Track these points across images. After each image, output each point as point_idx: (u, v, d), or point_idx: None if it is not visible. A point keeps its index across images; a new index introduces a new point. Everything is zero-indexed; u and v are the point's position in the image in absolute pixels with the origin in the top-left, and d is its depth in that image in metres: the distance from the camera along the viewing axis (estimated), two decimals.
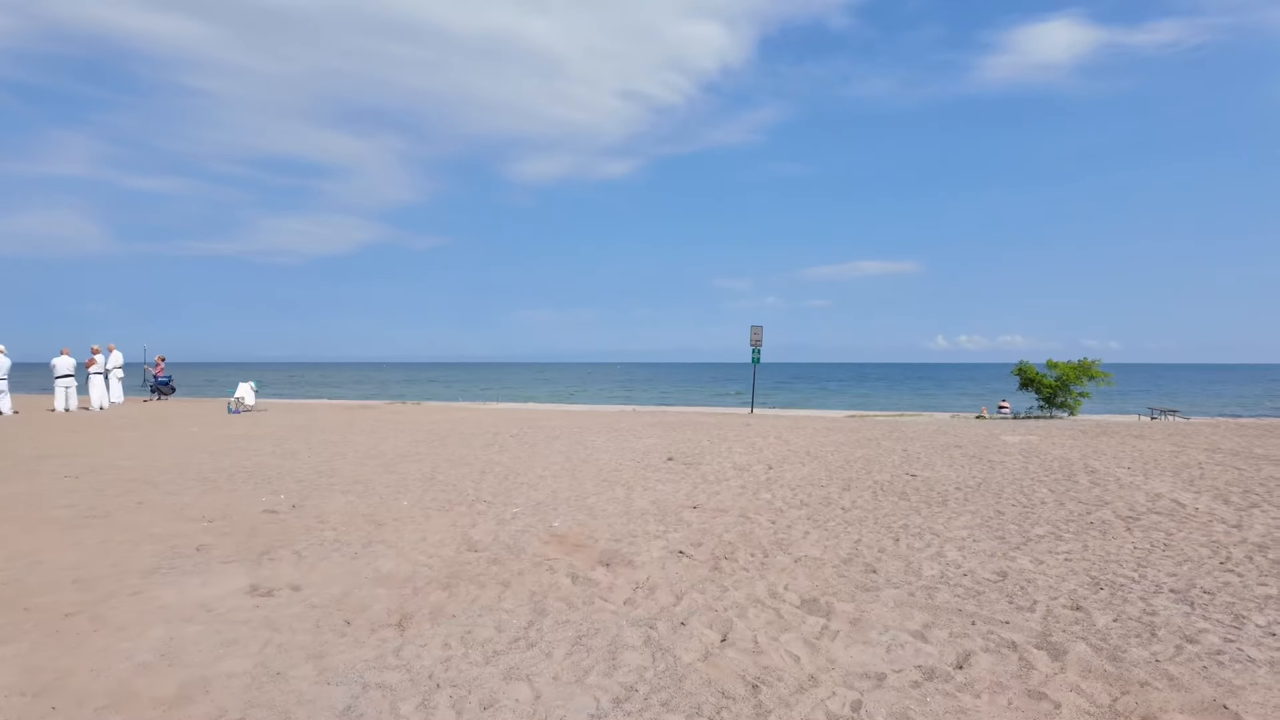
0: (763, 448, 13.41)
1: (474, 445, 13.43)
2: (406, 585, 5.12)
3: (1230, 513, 7.65)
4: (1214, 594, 4.98)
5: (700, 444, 13.89)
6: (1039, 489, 9.12)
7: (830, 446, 13.67)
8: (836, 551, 6.10)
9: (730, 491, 8.90)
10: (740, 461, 11.51)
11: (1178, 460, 11.78)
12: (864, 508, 7.98)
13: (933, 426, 18.82)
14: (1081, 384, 23.09)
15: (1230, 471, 10.48)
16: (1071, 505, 8.08)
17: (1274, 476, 9.99)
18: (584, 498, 8.44)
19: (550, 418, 20.88)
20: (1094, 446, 13.89)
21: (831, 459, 11.91)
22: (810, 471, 10.51)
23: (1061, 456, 12.31)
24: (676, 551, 5.99)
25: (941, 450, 13.12)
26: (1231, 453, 12.71)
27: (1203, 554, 6.05)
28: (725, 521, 7.21)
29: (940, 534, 6.78)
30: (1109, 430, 17.72)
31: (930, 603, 4.79)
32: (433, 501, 8.17)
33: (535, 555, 5.90)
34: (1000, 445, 14.01)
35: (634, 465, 11.05)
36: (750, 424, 18.75)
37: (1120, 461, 11.68)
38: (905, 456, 12.22)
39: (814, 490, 8.99)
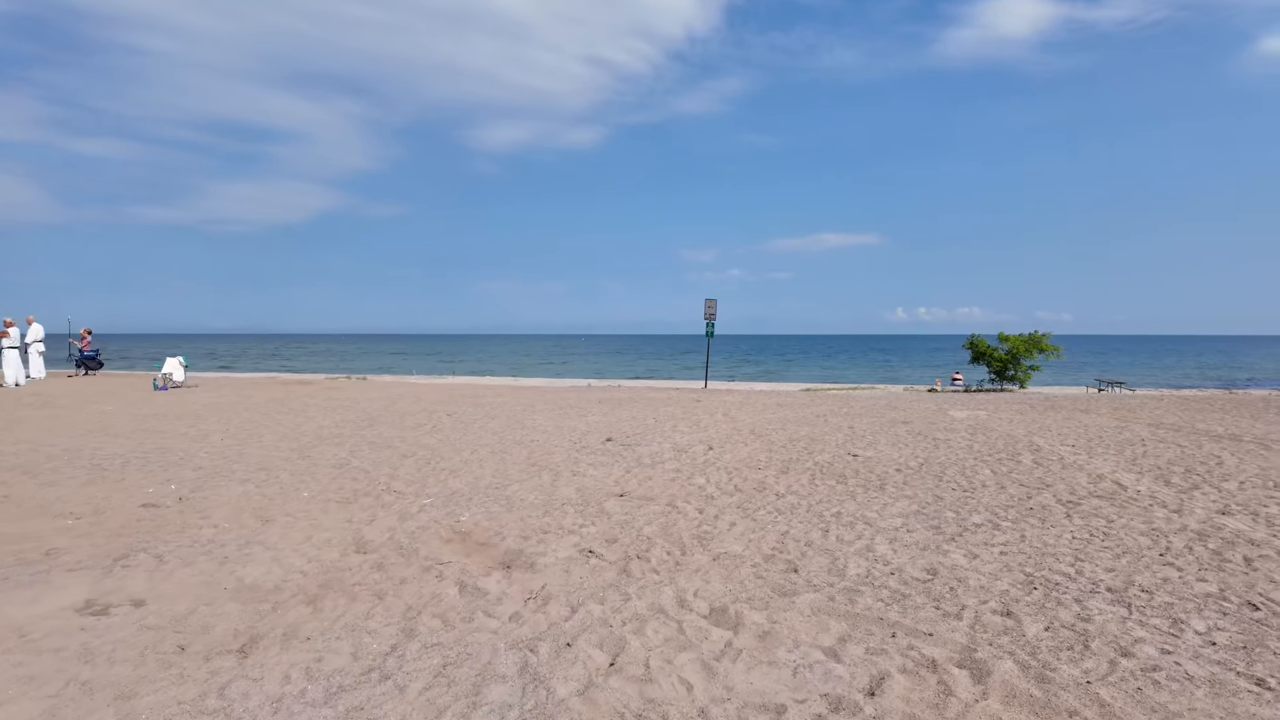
0: (708, 426, 12.96)
1: (405, 425, 12.73)
2: (268, 599, 4.50)
3: (1171, 495, 7.39)
4: (1152, 593, 4.62)
5: (645, 423, 13.39)
6: (981, 470, 8.81)
7: (777, 424, 13.28)
8: (760, 546, 5.63)
9: (664, 476, 8.40)
10: (681, 442, 11.03)
11: (1121, 437, 11.64)
12: (799, 493, 7.55)
13: (883, 401, 18.61)
14: (1032, 357, 23.14)
15: (1172, 449, 10.33)
16: (1013, 488, 7.76)
17: (1214, 454, 9.85)
18: (506, 485, 7.86)
19: (499, 394, 20.19)
20: (1040, 422, 13.74)
21: (775, 438, 11.50)
22: (751, 453, 10.07)
23: (1007, 433, 12.09)
24: (586, 551, 5.45)
25: (888, 427, 12.82)
26: (1174, 428, 12.65)
27: (1142, 544, 5.72)
28: (650, 512, 6.71)
29: (873, 523, 6.37)
30: (1057, 404, 17.71)
31: (850, 609, 4.34)
32: (338, 492, 7.52)
33: (428, 558, 5.32)
34: (947, 421, 13.78)
35: (569, 447, 10.50)
36: (701, 400, 18.32)
37: (1065, 439, 11.49)
38: (850, 435, 11.88)
39: (750, 474, 8.55)
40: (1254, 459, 9.50)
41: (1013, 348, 23.06)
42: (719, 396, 19.80)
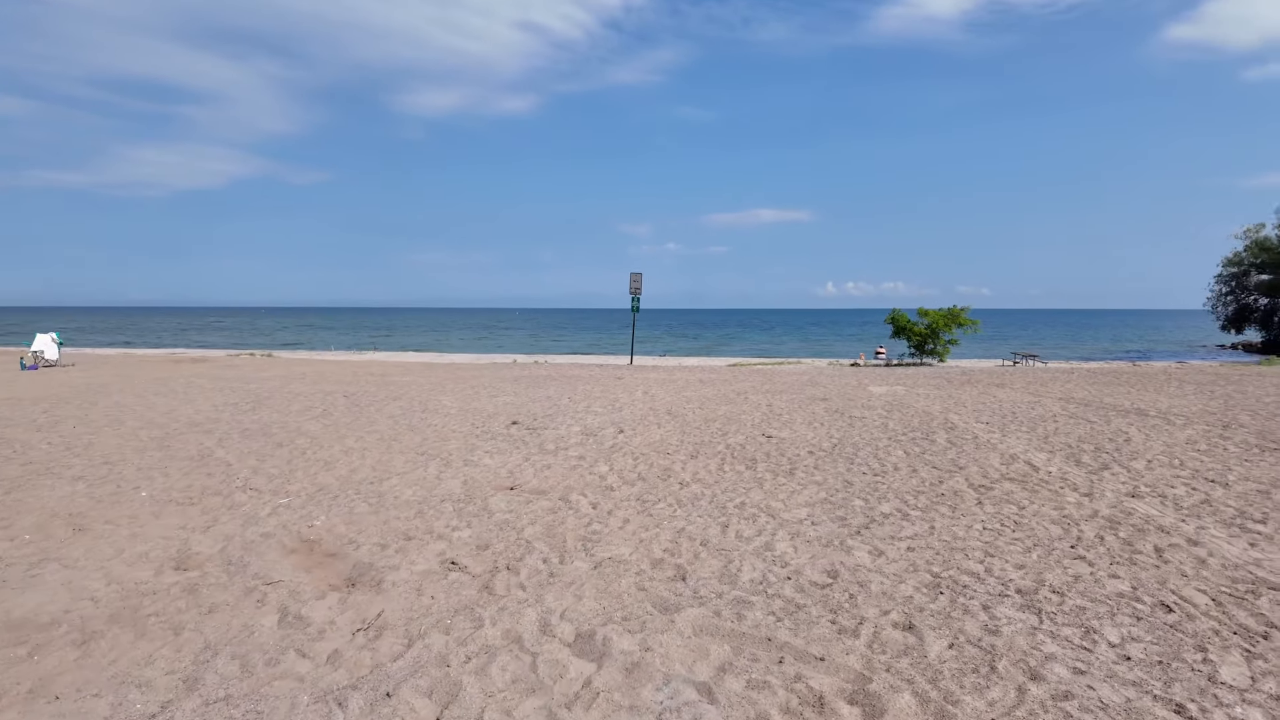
0: (625, 406, 12.34)
1: (292, 409, 11.64)
2: (31, 639, 3.63)
3: (1082, 477, 7.17)
4: (1064, 594, 4.23)
5: (559, 403, 12.67)
6: (895, 451, 8.46)
7: (696, 403, 12.77)
8: (651, 549, 5.03)
9: (564, 465, 7.73)
10: (592, 424, 10.37)
11: (1034, 413, 11.58)
12: (705, 481, 7.00)
13: (806, 377, 18.40)
14: (950, 331, 23.41)
15: (1082, 425, 10.27)
16: (925, 471, 7.41)
17: (1122, 430, 9.81)
18: (382, 480, 7.04)
19: (410, 372, 19.07)
20: (956, 398, 13.67)
21: (691, 418, 10.97)
22: (663, 435, 9.50)
23: (923, 410, 11.90)
24: (449, 562, 4.73)
25: (806, 405, 12.47)
26: (1084, 403, 12.73)
27: (1053, 534, 5.38)
28: (537, 509, 6.02)
29: (777, 514, 5.86)
30: (973, 378, 17.83)
31: (737, 627, 3.78)
32: (184, 491, 6.55)
33: (258, 575, 4.50)
34: (865, 398, 13.56)
35: (469, 432, 9.70)
36: (623, 377, 17.69)
37: (980, 415, 11.35)
38: (768, 414, 11.46)
39: (658, 460, 7.96)
40: (1159, 434, 9.49)
41: (932, 322, 23.27)
42: (643, 373, 19.22)
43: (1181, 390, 14.56)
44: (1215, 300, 41.23)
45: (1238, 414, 11.17)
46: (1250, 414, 11.15)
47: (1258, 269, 39.08)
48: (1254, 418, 10.79)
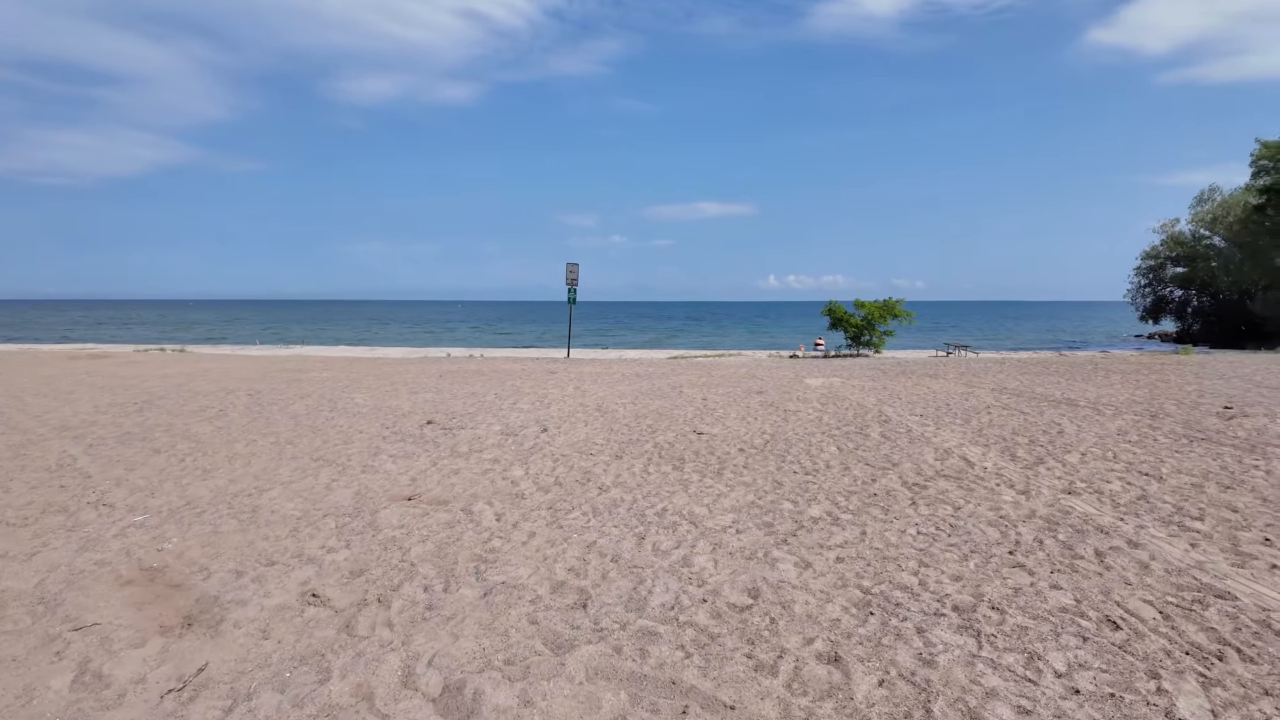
0: (553, 402, 11.68)
1: (185, 410, 10.60)
2: None
3: (1017, 473, 6.88)
4: (1004, 611, 3.80)
5: (484, 400, 11.93)
6: (828, 447, 8.07)
7: (628, 398, 12.21)
8: (554, 569, 4.43)
9: (474, 470, 7.05)
10: (515, 422, 9.69)
11: (967, 404, 11.42)
12: (626, 485, 6.44)
13: (744, 369, 18.06)
14: (886, 322, 23.48)
15: (1016, 417, 10.10)
16: (858, 469, 7.01)
17: (1055, 422, 9.67)
18: (264, 491, 6.24)
19: (330, 367, 17.96)
20: (891, 389, 13.47)
21: (622, 414, 10.40)
22: (589, 434, 8.89)
23: (858, 403, 11.61)
24: (309, 594, 4.03)
25: (741, 399, 12.05)
26: (1016, 393, 12.67)
27: (991, 538, 5.00)
28: (432, 524, 5.35)
29: (700, 522, 5.34)
30: (908, 369, 17.79)
31: (639, 668, 3.21)
32: (20, 509, 5.64)
33: (70, 617, 3.72)
34: (801, 391, 13.23)
35: (376, 434, 8.91)
36: (556, 371, 17.00)
37: (914, 407, 11.12)
38: (701, 408, 10.98)
39: (579, 461, 7.36)
40: (1091, 425, 9.37)
41: (868, 314, 23.29)
42: (579, 367, 18.57)
43: (1108, 380, 14.73)
44: (1134, 292, 42.93)
45: (1164, 403, 11.22)
46: (1175, 403, 11.22)
47: (1173, 262, 40.80)
48: (1179, 407, 10.84)
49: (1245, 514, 5.53)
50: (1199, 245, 39.14)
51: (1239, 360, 19.38)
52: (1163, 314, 42.19)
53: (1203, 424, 9.39)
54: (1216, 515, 5.49)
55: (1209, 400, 11.43)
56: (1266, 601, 3.94)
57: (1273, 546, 4.82)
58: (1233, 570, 4.40)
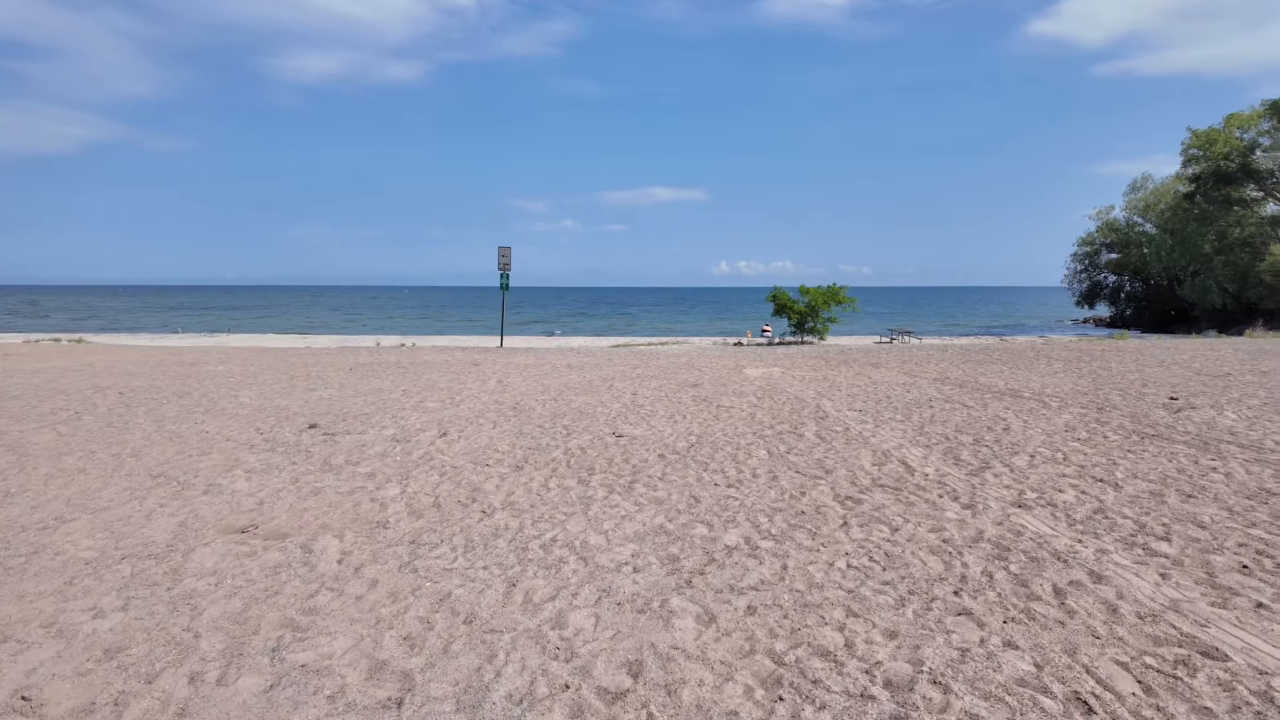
0: (465, 399, 10.58)
1: (33, 413, 9.16)
2: None
3: (962, 480, 6.12)
4: (948, 688, 2.95)
5: (387, 398, 10.75)
6: (758, 450, 7.21)
7: (552, 393, 11.18)
8: (383, 638, 3.41)
9: (342, 487, 5.96)
10: (413, 425, 8.58)
11: (909, 397, 10.74)
12: (517, 506, 5.44)
13: (684, 359, 17.19)
14: (830, 309, 22.93)
15: (959, 411, 9.43)
16: (786, 479, 6.16)
17: (999, 416, 9.02)
18: (64, 523, 5.04)
19: (231, 359, 16.41)
20: (832, 380, 12.76)
21: (539, 413, 9.38)
22: (493, 438, 7.86)
23: (796, 396, 10.83)
24: (20, 696, 2.92)
25: (674, 393, 11.15)
26: (959, 384, 12.07)
27: (932, 571, 4.17)
28: (255, 568, 4.26)
29: (592, 558, 4.39)
30: (850, 357, 17.18)
31: None
32: None
33: None
34: (739, 382, 12.41)
35: (245, 441, 7.70)
36: (481, 363, 15.83)
37: (854, 400, 10.38)
38: (629, 405, 10.03)
39: (470, 475, 6.33)
40: (1037, 420, 8.74)
41: (812, 300, 22.70)
42: (509, 357, 17.43)
43: (1051, 368, 14.32)
44: (1071, 278, 43.68)
45: (1109, 394, 10.73)
46: (1120, 393, 10.74)
47: (1108, 248, 41.55)
48: (1124, 398, 10.36)
49: (1214, 531, 4.84)
50: (1132, 232, 39.92)
51: (1175, 346, 19.38)
52: (1097, 299, 43.05)
53: (1151, 417, 8.86)
54: (1183, 534, 4.79)
55: (1153, 390, 11.00)
56: (1263, 660, 3.17)
57: (1251, 575, 4.11)
58: (1214, 612, 3.65)
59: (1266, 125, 33.09)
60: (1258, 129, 33.34)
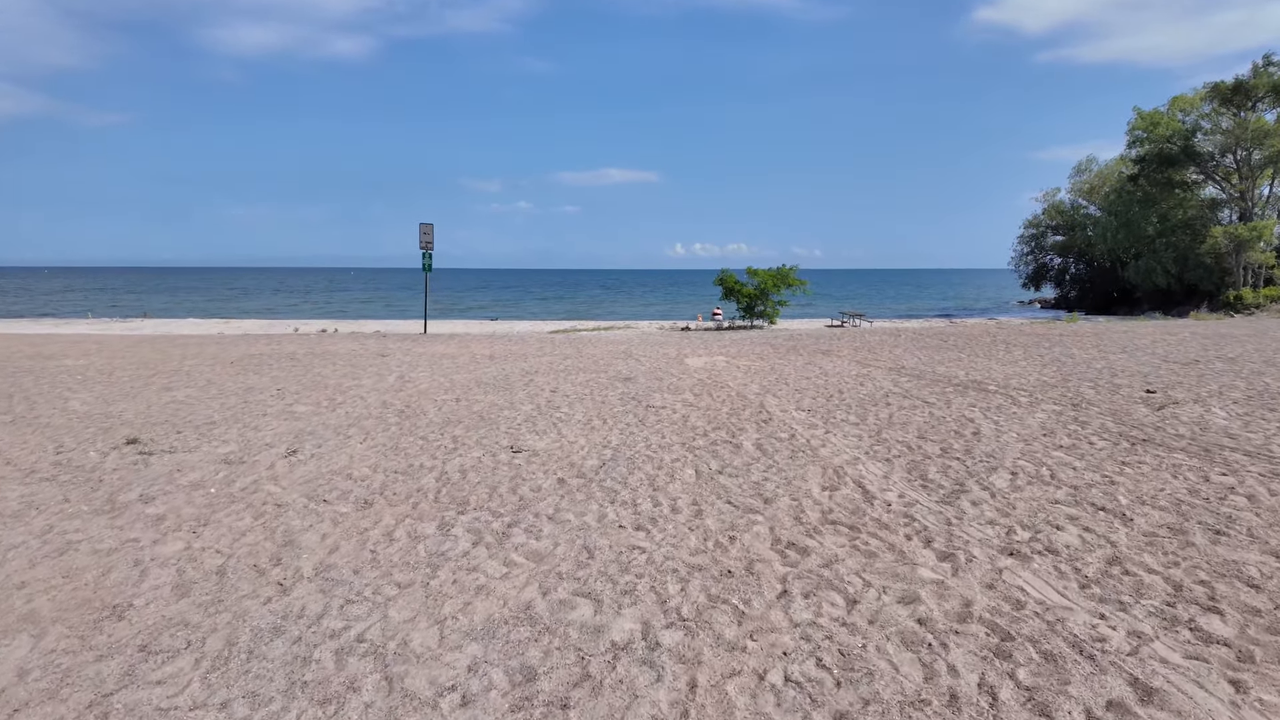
0: (347, 400, 8.89)
1: None
2: None
3: (933, 511, 4.76)
4: None
5: (252, 400, 8.98)
6: (683, 470, 5.76)
7: (457, 390, 9.56)
8: None
9: (100, 544, 4.29)
10: (260, 439, 6.88)
11: (863, 391, 9.43)
12: (333, 574, 3.87)
13: (623, 347, 15.68)
14: (779, 292, 21.68)
15: (920, 410, 8.14)
16: (714, 514, 4.72)
17: (967, 418, 7.75)
18: None
19: (101, 349, 14.25)
20: (779, 371, 11.41)
21: (430, 418, 7.76)
22: (352, 458, 6.23)
23: (739, 391, 9.43)
24: None
25: (600, 390, 9.63)
26: (916, 375, 10.84)
27: (910, 685, 2.78)
28: None
29: (403, 676, 2.87)
30: (800, 344, 15.92)
31: None
32: None
33: None
34: (678, 375, 10.96)
35: (25, 467, 5.91)
36: (391, 353, 14.03)
37: (802, 397, 9.03)
38: (544, 406, 8.48)
39: (290, 520, 4.71)
40: (1009, 421, 7.51)
41: (761, 283, 21.41)
42: (428, 345, 15.65)
43: (1011, 355, 13.25)
44: (1018, 260, 43.47)
45: (1079, 386, 9.60)
46: (1092, 385, 9.62)
47: (1053, 230, 41.38)
48: (1097, 390, 9.23)
49: (1273, 593, 3.55)
50: (1077, 214, 39.76)
51: (1131, 330, 18.64)
52: (1043, 281, 42.97)
53: (1133, 415, 7.71)
54: (1235, 600, 3.49)
55: (1125, 381, 9.92)
56: None
57: None
58: None
59: (1208, 108, 32.94)
60: (1199, 112, 33.18)
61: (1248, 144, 30.54)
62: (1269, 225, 30.14)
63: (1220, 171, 33.07)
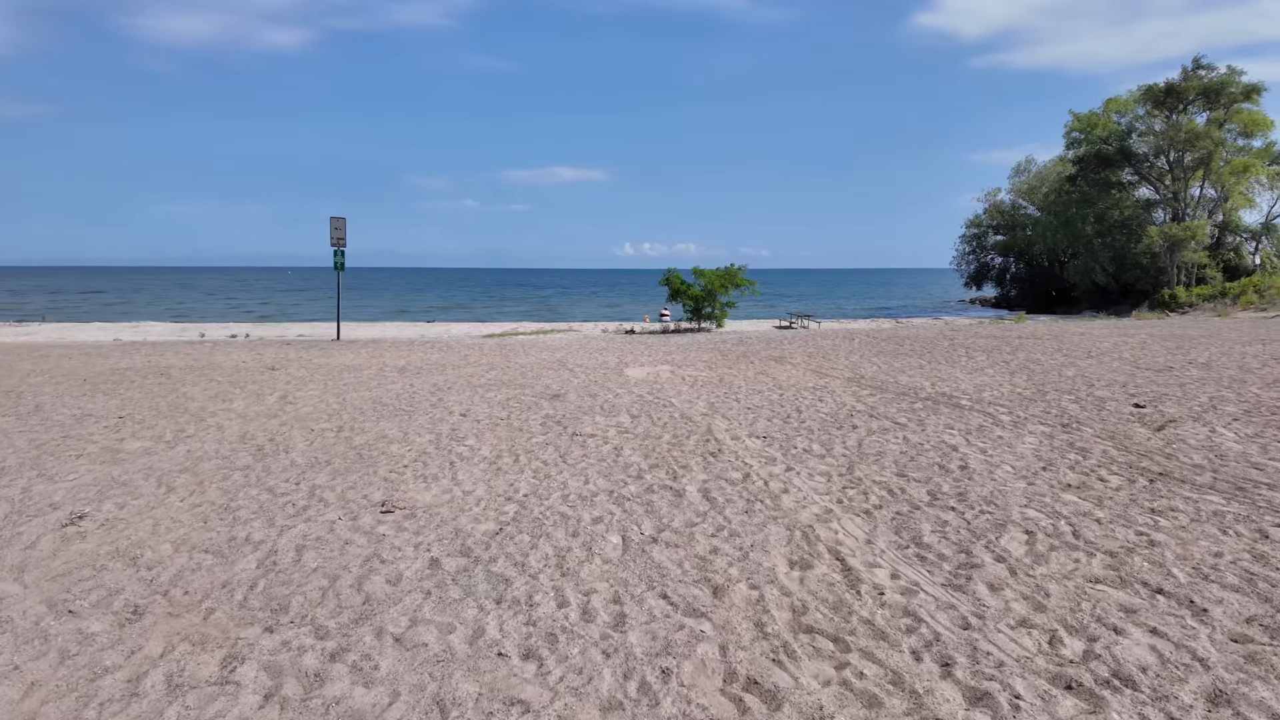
0: (199, 432, 7.12)
1: None
2: None
3: (941, 602, 3.41)
4: None
5: (72, 434, 7.14)
6: (609, 535, 4.29)
7: (345, 415, 7.88)
8: None
9: None
10: (38, 500, 5.11)
11: (824, 409, 8.14)
12: None
13: (560, 354, 14.10)
14: (727, 293, 20.43)
15: (893, 435, 6.86)
16: (642, 619, 3.27)
17: (948, 444, 6.50)
18: None
19: None
20: (729, 383, 10.06)
21: (294, 456, 6.09)
22: (155, 526, 4.55)
23: (684, 411, 8.01)
24: None
25: (521, 412, 8.09)
26: (879, 387, 9.62)
27: None
28: None
29: None
30: (750, 350, 14.64)
31: None
32: None
33: None
34: (615, 389, 9.48)
35: None
36: (283, 366, 12.14)
37: (755, 416, 7.68)
38: (445, 436, 6.89)
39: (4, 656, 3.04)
40: (996, 448, 6.29)
41: (708, 284, 20.12)
42: (333, 355, 13.78)
43: (973, 360, 12.21)
44: (960, 259, 43.49)
45: (1060, 399, 8.51)
46: (1072, 398, 8.54)
47: (994, 230, 41.45)
48: (1080, 404, 8.15)
49: None
50: (1017, 214, 39.87)
51: (1087, 332, 17.95)
52: (985, 280, 43.07)
53: (1133, 438, 6.60)
54: None
55: (1106, 393, 8.89)
56: None
57: None
58: None
59: (1141, 111, 33.22)
60: (1133, 114, 33.44)
61: (1180, 146, 30.80)
62: (1201, 225, 30.46)
63: (1154, 173, 33.40)
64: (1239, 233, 33.68)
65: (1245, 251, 33.26)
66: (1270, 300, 27.49)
